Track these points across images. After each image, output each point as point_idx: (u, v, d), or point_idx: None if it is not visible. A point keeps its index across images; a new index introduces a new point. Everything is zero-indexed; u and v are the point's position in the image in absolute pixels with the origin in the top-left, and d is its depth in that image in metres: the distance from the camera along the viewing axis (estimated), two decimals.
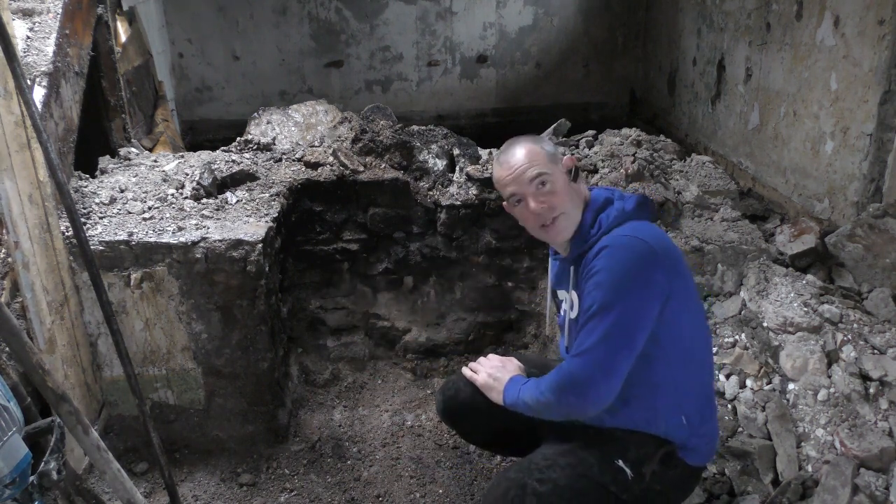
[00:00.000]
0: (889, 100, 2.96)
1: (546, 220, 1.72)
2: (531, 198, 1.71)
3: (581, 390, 1.60)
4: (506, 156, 1.77)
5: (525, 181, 1.72)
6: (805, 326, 2.16)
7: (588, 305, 1.62)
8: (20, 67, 1.91)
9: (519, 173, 1.72)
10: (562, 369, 1.67)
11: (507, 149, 1.79)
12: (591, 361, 1.59)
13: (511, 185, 1.74)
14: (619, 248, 1.61)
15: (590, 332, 1.59)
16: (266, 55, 6.22)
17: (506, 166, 1.76)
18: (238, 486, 2.47)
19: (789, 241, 2.68)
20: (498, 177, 1.80)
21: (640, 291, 1.58)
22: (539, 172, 1.70)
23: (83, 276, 2.34)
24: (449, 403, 2.02)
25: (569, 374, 1.63)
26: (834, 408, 1.93)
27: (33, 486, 1.42)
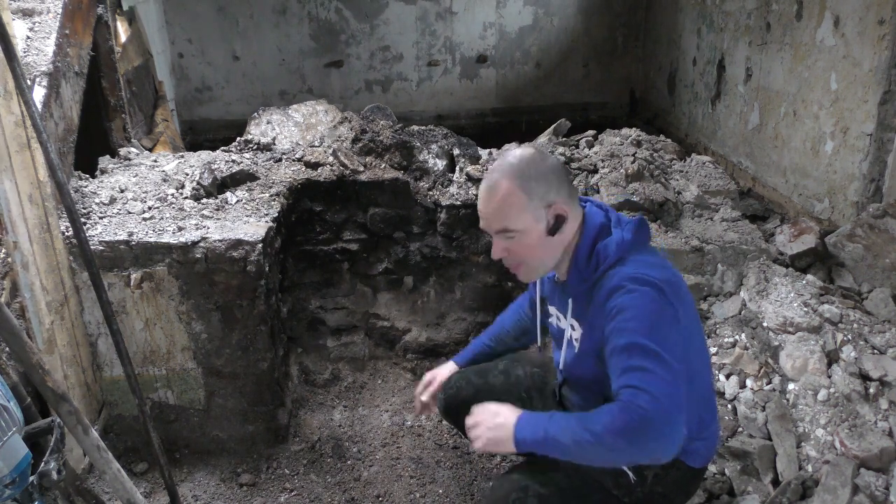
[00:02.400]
0: (889, 100, 2.97)
1: (509, 265, 1.65)
2: (496, 243, 1.62)
3: (662, 433, 1.37)
4: (485, 185, 1.61)
5: (492, 230, 1.61)
6: (805, 326, 2.16)
7: (624, 344, 1.44)
8: (20, 67, 1.91)
9: (488, 219, 1.61)
10: (629, 409, 1.38)
11: (492, 173, 1.60)
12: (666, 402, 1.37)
13: (482, 222, 1.64)
14: (636, 295, 1.47)
15: (646, 372, 1.39)
16: (266, 55, 6.22)
17: (482, 199, 1.62)
18: (238, 486, 2.47)
19: (789, 241, 2.68)
20: (479, 205, 1.65)
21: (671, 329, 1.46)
22: (505, 228, 1.57)
23: (83, 276, 2.34)
24: (451, 402, 2.02)
25: (644, 416, 1.36)
26: (834, 408, 1.93)
27: (33, 486, 1.41)
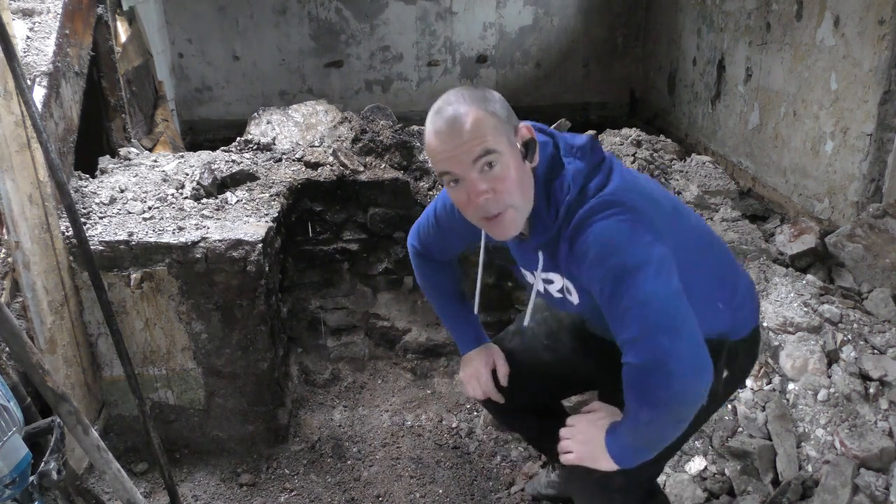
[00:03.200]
0: (889, 100, 2.97)
1: (489, 213, 1.35)
2: (474, 182, 1.33)
3: (672, 371, 1.24)
4: (443, 121, 1.33)
5: (467, 161, 1.32)
6: (805, 326, 2.16)
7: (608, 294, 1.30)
8: (20, 67, 1.91)
9: (460, 150, 1.31)
10: (636, 372, 1.28)
11: (445, 109, 1.34)
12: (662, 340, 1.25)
13: (446, 163, 1.34)
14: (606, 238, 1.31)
15: (633, 320, 1.27)
16: (266, 55, 6.22)
17: (442, 136, 1.33)
18: (238, 486, 2.47)
19: (789, 241, 2.68)
20: (432, 148, 1.36)
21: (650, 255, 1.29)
22: (487, 150, 1.31)
23: (83, 276, 2.34)
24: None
25: (651, 369, 1.26)
26: (834, 408, 1.93)
27: (33, 486, 1.41)
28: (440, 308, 1.95)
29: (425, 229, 1.82)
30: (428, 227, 1.80)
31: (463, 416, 2.81)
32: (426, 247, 1.85)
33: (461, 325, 1.91)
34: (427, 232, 1.82)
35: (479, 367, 1.84)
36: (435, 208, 1.76)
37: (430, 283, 1.91)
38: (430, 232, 1.80)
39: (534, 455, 2.58)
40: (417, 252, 1.89)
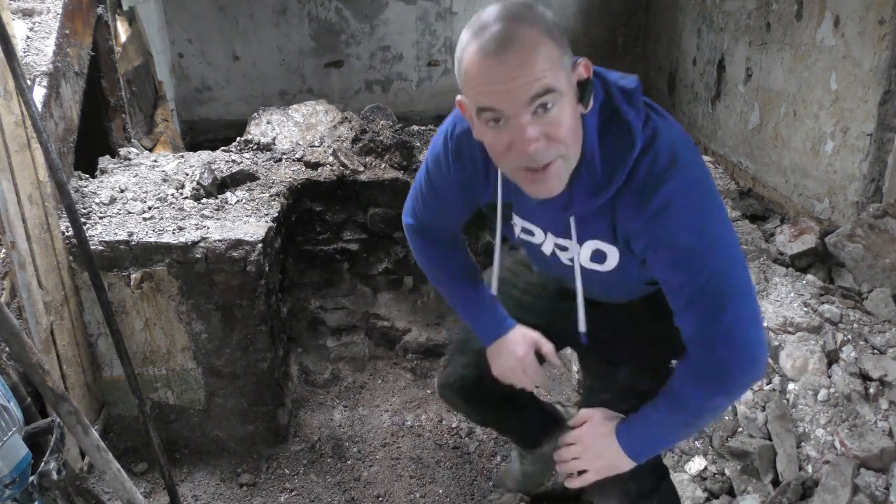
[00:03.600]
0: (889, 100, 2.96)
1: (537, 163, 1.13)
2: (525, 126, 1.10)
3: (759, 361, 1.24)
4: (494, 41, 1.08)
5: (523, 99, 1.09)
6: (805, 326, 2.16)
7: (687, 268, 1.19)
8: (20, 67, 1.91)
9: (515, 84, 1.08)
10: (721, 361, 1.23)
11: (496, 25, 1.08)
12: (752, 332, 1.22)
13: (493, 98, 1.10)
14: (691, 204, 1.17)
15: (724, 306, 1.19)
16: (266, 55, 6.22)
17: (491, 62, 1.08)
18: (238, 486, 2.47)
19: (789, 241, 2.68)
20: (473, 74, 1.11)
21: (733, 233, 1.23)
22: (547, 88, 1.09)
23: (83, 276, 2.34)
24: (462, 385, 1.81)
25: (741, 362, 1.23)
26: (834, 408, 1.93)
27: (33, 486, 1.41)
28: (451, 293, 1.66)
29: (420, 200, 1.57)
30: (423, 196, 1.55)
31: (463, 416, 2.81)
32: (424, 222, 1.60)
33: (480, 310, 1.61)
34: (423, 202, 1.56)
35: (522, 355, 1.57)
36: (427, 170, 1.49)
37: (435, 264, 1.64)
38: (427, 201, 1.54)
39: None
40: (415, 230, 1.63)
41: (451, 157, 1.40)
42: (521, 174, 1.18)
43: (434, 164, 1.47)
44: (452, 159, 1.40)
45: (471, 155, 1.37)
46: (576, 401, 2.42)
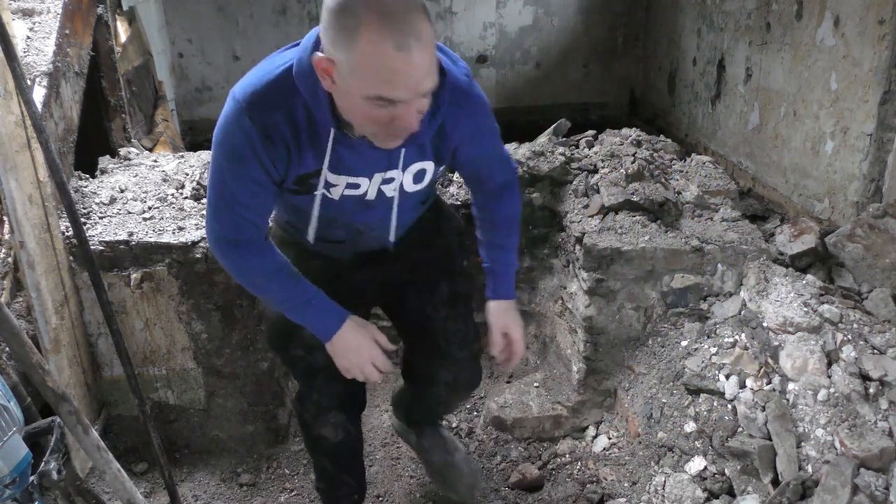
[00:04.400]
0: (889, 100, 2.96)
1: (413, 129, 1.34)
2: (415, 110, 1.29)
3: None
4: (410, 50, 1.19)
5: (422, 92, 1.27)
6: (805, 326, 2.16)
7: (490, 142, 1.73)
8: (20, 67, 1.91)
9: (422, 84, 1.25)
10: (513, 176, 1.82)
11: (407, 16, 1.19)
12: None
13: (400, 92, 1.23)
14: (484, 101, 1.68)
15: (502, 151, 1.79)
16: (266, 55, 6.21)
17: (404, 61, 1.19)
18: (238, 486, 2.47)
19: (789, 241, 2.67)
20: (384, 64, 1.19)
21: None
22: (434, 84, 1.29)
23: (83, 276, 2.34)
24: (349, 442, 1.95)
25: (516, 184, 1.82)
26: (834, 408, 1.93)
27: (33, 486, 1.42)
28: (280, 298, 1.60)
29: (227, 207, 1.48)
30: (230, 201, 1.48)
31: (463, 416, 2.81)
32: (239, 228, 1.52)
33: (312, 305, 1.58)
34: (232, 207, 1.48)
35: (369, 344, 1.62)
36: (225, 171, 1.44)
37: (259, 272, 1.57)
38: (237, 202, 1.48)
39: (533, 455, 2.59)
40: (230, 243, 1.53)
41: (259, 143, 1.39)
42: (384, 134, 1.34)
43: (235, 160, 1.42)
44: (261, 144, 1.39)
45: (280, 136, 1.40)
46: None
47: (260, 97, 1.37)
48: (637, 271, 2.47)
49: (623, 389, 2.57)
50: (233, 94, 1.41)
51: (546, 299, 3.02)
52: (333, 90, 1.31)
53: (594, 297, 2.50)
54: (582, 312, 2.56)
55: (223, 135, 1.42)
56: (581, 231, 2.55)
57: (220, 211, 1.50)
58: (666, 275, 2.48)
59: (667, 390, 2.33)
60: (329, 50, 1.26)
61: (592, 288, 2.49)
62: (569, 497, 2.37)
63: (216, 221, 1.52)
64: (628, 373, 2.57)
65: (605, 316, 2.53)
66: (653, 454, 2.29)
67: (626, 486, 2.34)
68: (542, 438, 2.66)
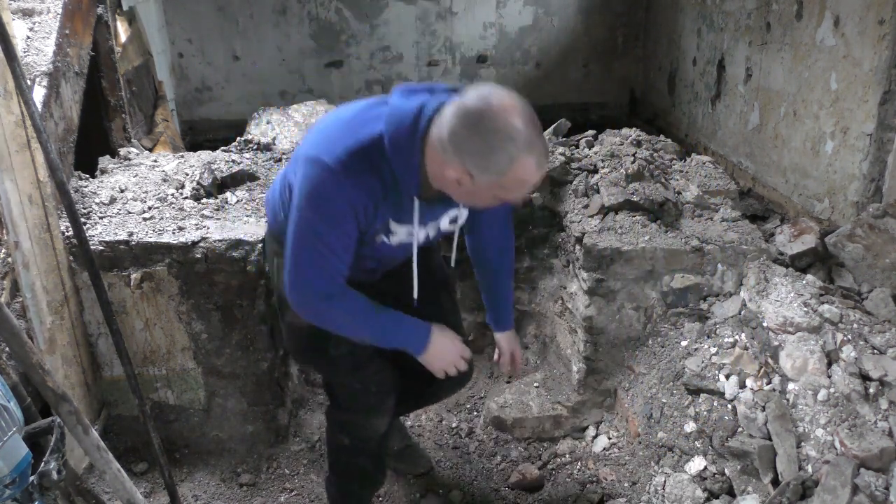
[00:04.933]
0: (889, 100, 2.96)
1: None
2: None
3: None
4: (544, 157, 1.54)
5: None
6: (805, 326, 2.16)
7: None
8: (20, 67, 1.91)
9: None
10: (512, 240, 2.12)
11: (541, 141, 1.51)
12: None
13: (527, 189, 1.56)
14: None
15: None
16: (266, 55, 6.22)
17: (539, 172, 1.52)
18: (238, 486, 2.47)
19: (789, 241, 2.67)
20: (528, 177, 1.51)
21: None
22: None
23: (83, 276, 2.34)
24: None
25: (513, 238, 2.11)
26: (834, 408, 1.93)
27: (33, 486, 1.41)
28: (374, 331, 1.75)
29: (319, 260, 1.63)
30: (323, 253, 1.63)
31: (463, 416, 2.81)
32: (331, 279, 1.66)
33: (402, 326, 1.76)
34: (323, 259, 1.63)
35: (453, 342, 1.82)
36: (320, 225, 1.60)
37: (351, 315, 1.70)
38: (332, 253, 1.63)
39: (533, 455, 2.59)
40: (322, 296, 1.67)
41: (357, 202, 1.57)
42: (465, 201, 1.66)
43: (334, 220, 1.59)
44: (359, 203, 1.57)
45: (372, 195, 1.58)
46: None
47: (354, 161, 1.53)
48: (637, 271, 2.47)
49: (623, 389, 2.57)
50: (318, 160, 1.55)
51: (546, 299, 3.02)
52: (455, 186, 1.54)
53: (594, 297, 2.50)
54: (582, 312, 2.56)
55: (320, 198, 1.56)
56: (581, 231, 2.55)
57: (315, 270, 1.63)
58: (666, 275, 2.48)
59: (667, 390, 2.33)
60: (467, 167, 1.48)
61: (592, 288, 2.49)
62: (569, 497, 2.37)
63: (312, 281, 1.64)
64: (628, 373, 2.57)
65: (605, 316, 2.53)
66: (653, 454, 2.29)
67: (626, 486, 2.34)
68: (542, 438, 2.66)
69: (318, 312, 1.69)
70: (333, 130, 1.60)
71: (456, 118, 1.46)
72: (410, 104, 1.54)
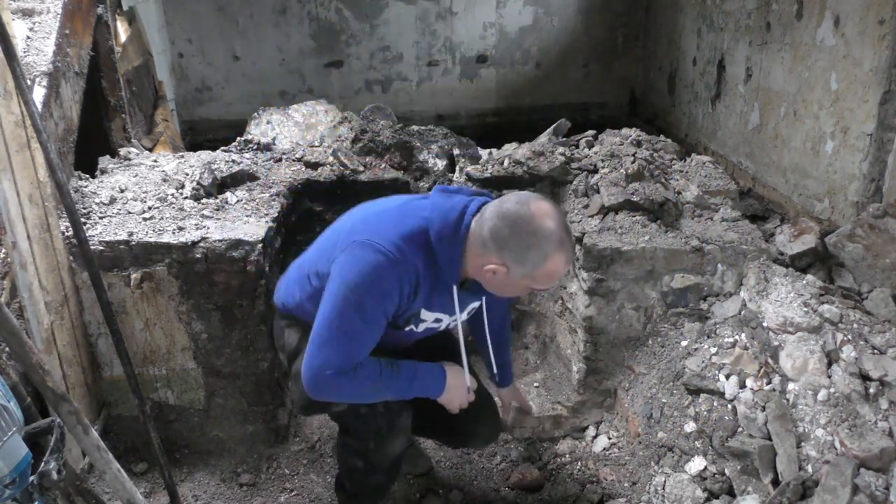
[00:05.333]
0: (889, 100, 2.97)
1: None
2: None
3: None
4: (571, 252, 1.73)
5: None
6: (805, 326, 2.16)
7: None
8: (20, 67, 1.91)
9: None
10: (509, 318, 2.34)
11: (569, 238, 1.70)
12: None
13: (556, 280, 1.75)
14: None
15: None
16: (266, 55, 6.22)
17: (569, 264, 1.74)
18: (238, 486, 2.47)
19: (789, 241, 2.67)
20: (558, 272, 1.70)
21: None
22: None
23: (83, 276, 2.34)
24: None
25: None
26: (834, 408, 1.93)
27: (33, 486, 1.41)
28: (395, 388, 1.83)
29: (349, 343, 1.72)
30: (356, 336, 1.73)
31: None
32: (353, 360, 1.74)
33: (417, 368, 1.87)
34: (355, 342, 1.73)
35: (462, 379, 1.96)
36: (362, 309, 1.69)
37: (368, 383, 1.77)
38: (364, 337, 1.74)
39: (533, 455, 2.59)
40: (340, 372, 1.72)
41: (399, 291, 1.71)
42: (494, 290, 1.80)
43: (381, 298, 1.70)
44: (398, 293, 1.71)
45: (412, 286, 1.73)
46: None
47: (405, 246, 1.70)
48: (637, 271, 2.47)
49: (623, 389, 2.57)
50: (370, 244, 1.69)
51: (546, 299, 3.02)
52: (489, 276, 1.70)
53: (594, 297, 2.50)
54: (582, 312, 2.56)
55: (371, 278, 1.67)
56: (581, 231, 2.55)
57: (343, 346, 1.70)
58: (666, 275, 2.48)
59: (667, 390, 2.33)
60: (504, 261, 1.66)
61: (592, 288, 2.49)
62: (569, 497, 2.37)
63: (336, 357, 1.70)
64: (628, 373, 2.57)
65: (605, 316, 2.53)
66: (653, 454, 2.29)
67: (626, 486, 2.34)
68: (542, 438, 2.66)
69: (338, 390, 1.74)
70: (381, 220, 1.76)
71: (499, 218, 1.65)
72: (454, 201, 1.73)
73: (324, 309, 1.71)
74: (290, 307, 1.99)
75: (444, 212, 1.72)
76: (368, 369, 1.74)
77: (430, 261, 1.72)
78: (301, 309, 1.94)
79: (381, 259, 1.66)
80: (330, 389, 1.73)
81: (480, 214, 1.70)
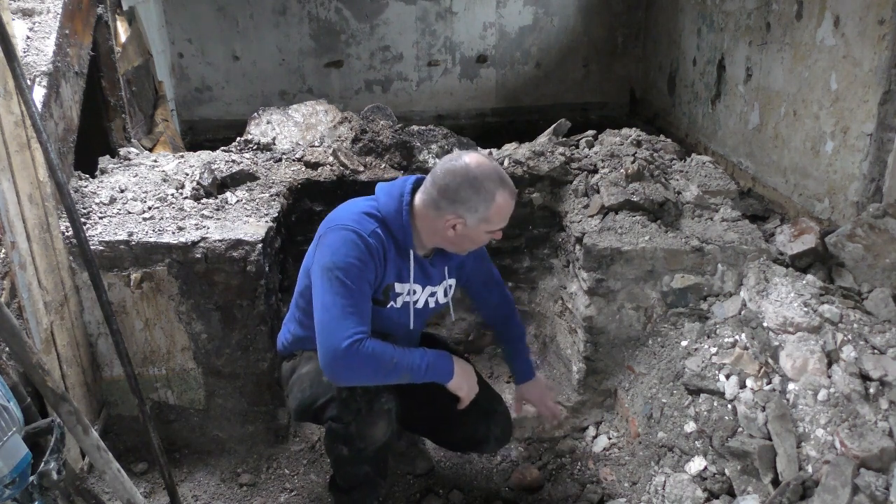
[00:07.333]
0: (889, 100, 2.96)
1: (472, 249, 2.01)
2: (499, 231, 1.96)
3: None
4: (511, 189, 1.90)
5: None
6: (805, 326, 2.16)
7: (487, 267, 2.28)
8: (20, 67, 1.91)
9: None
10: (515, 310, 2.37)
11: (507, 179, 1.90)
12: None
13: (506, 220, 1.92)
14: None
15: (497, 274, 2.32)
16: (266, 55, 6.22)
17: (513, 199, 1.91)
18: (238, 486, 2.47)
19: (789, 241, 2.67)
20: (503, 207, 1.89)
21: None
22: None
23: (83, 276, 2.34)
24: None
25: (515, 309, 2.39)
26: (834, 408, 1.93)
27: (33, 486, 1.41)
28: (411, 361, 1.88)
29: (352, 308, 1.80)
30: (355, 302, 1.81)
31: None
32: (364, 325, 1.83)
33: (428, 352, 1.93)
34: (357, 307, 1.82)
35: (469, 367, 2.07)
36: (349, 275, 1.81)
37: (389, 351, 1.84)
38: (361, 303, 1.84)
39: (533, 455, 2.59)
40: (361, 340, 1.79)
41: (371, 255, 1.86)
42: (457, 250, 2.00)
43: (357, 266, 1.83)
44: (370, 257, 1.85)
45: (380, 252, 1.89)
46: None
47: (364, 220, 1.89)
48: (637, 271, 2.47)
49: (623, 389, 2.57)
50: (336, 226, 1.88)
51: (546, 299, 3.02)
52: (451, 233, 1.89)
53: (594, 297, 2.50)
54: (582, 312, 2.56)
55: (346, 249, 1.83)
56: (581, 231, 2.55)
57: (347, 313, 1.80)
58: (666, 275, 2.48)
59: (667, 390, 2.33)
60: (458, 212, 1.86)
61: (592, 288, 2.49)
62: (569, 497, 2.37)
63: (346, 324, 1.78)
64: (628, 373, 2.57)
65: (605, 316, 2.53)
66: (653, 454, 2.29)
67: (626, 487, 2.34)
68: (542, 438, 2.66)
69: (361, 359, 1.77)
70: (339, 212, 1.95)
71: (443, 176, 1.85)
72: (395, 182, 1.97)
73: (317, 300, 1.84)
74: (288, 344, 2.15)
75: (387, 190, 1.96)
76: (381, 348, 1.81)
77: (387, 231, 1.91)
78: (299, 342, 2.10)
79: (346, 233, 1.84)
80: (349, 367, 1.78)
81: (423, 185, 1.91)
